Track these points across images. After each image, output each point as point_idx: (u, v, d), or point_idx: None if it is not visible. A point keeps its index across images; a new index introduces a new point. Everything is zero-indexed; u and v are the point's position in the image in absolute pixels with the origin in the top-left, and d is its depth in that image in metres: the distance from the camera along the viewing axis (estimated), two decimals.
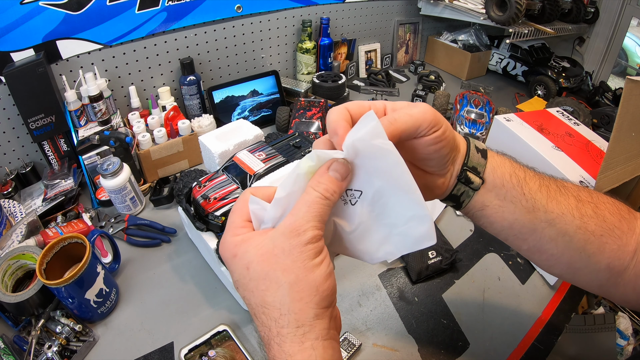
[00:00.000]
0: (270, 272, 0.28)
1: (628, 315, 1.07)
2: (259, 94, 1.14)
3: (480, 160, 0.37)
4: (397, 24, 1.48)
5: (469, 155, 0.36)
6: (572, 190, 0.38)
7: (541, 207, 0.37)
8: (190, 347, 0.57)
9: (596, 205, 0.37)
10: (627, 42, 1.60)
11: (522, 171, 0.38)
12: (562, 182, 0.39)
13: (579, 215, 0.36)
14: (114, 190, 0.76)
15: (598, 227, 0.36)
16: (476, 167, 0.37)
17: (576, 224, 0.36)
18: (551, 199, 0.37)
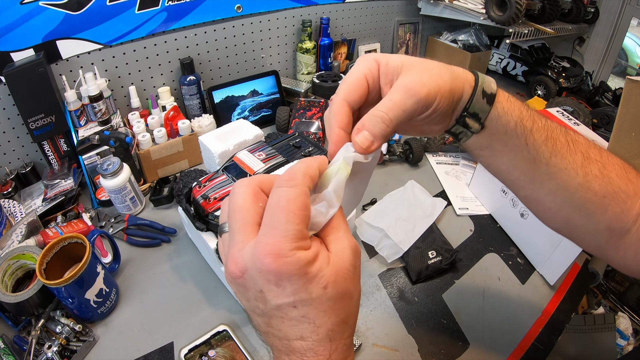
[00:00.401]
0: (348, 288, 0.27)
1: (628, 315, 1.08)
2: (259, 94, 1.14)
3: (484, 107, 0.35)
4: (397, 24, 1.48)
5: (472, 101, 0.34)
6: (581, 146, 0.36)
7: (543, 160, 0.36)
8: (190, 347, 0.57)
9: (604, 165, 0.36)
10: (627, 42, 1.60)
11: (531, 121, 0.35)
12: (575, 136, 0.37)
13: (583, 173, 0.35)
14: (114, 190, 0.76)
15: (601, 188, 0.35)
16: (477, 114, 0.35)
17: (578, 181, 0.35)
18: (556, 153, 0.35)
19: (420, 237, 0.76)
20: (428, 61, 0.33)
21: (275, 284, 0.25)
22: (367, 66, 0.34)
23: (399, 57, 0.33)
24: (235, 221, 0.28)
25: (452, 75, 0.33)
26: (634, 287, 1.14)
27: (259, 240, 0.26)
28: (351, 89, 0.33)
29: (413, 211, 0.82)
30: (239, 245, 0.27)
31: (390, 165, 1.02)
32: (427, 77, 0.32)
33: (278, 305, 0.26)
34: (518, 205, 0.77)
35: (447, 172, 1.00)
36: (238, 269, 0.26)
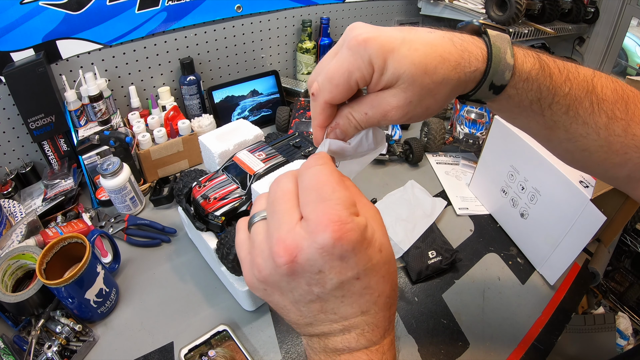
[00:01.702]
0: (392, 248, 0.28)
1: (628, 315, 1.08)
2: (259, 94, 1.14)
3: (488, 95, 0.31)
4: (397, 24, 1.48)
5: (475, 92, 0.31)
6: (607, 104, 0.33)
7: (562, 127, 0.34)
8: (190, 347, 0.57)
9: (628, 122, 0.33)
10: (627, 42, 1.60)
11: (551, 96, 0.32)
12: (602, 95, 0.33)
13: (606, 134, 0.33)
14: (114, 190, 0.76)
15: (623, 146, 0.34)
16: (480, 99, 0.32)
17: (599, 143, 0.34)
18: (577, 119, 0.33)
19: (420, 237, 0.76)
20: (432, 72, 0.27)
21: (338, 257, 0.24)
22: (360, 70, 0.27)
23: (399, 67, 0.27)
24: (282, 203, 0.26)
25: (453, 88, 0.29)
26: (634, 287, 1.15)
27: (312, 215, 0.24)
28: (338, 94, 0.29)
29: (413, 211, 0.82)
30: (287, 226, 0.25)
31: (390, 165, 1.02)
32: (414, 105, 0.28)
33: (340, 283, 0.24)
34: (518, 205, 0.77)
35: (447, 172, 1.00)
36: (289, 251, 0.24)
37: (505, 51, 0.30)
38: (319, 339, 0.27)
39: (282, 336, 0.61)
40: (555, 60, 0.33)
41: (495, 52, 0.29)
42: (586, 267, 0.78)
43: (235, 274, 0.59)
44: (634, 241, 1.06)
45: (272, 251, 0.25)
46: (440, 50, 0.28)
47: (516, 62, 0.31)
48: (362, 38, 0.27)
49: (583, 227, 0.63)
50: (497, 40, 0.30)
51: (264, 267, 0.26)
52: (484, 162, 0.87)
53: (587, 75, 0.33)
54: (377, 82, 0.28)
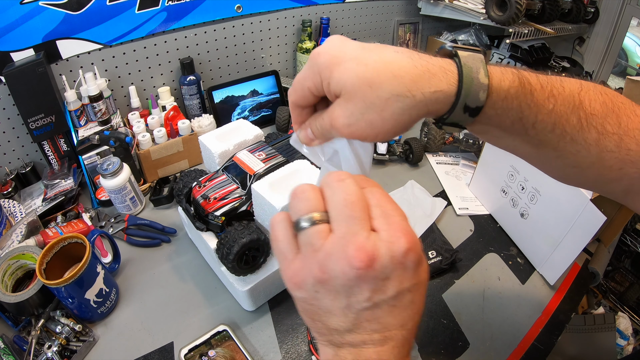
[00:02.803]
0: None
1: (628, 315, 1.08)
2: (259, 94, 1.14)
3: (465, 118, 0.30)
4: (397, 24, 1.48)
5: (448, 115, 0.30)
6: (597, 119, 0.31)
7: (550, 145, 0.32)
8: (190, 347, 0.57)
9: (621, 137, 0.32)
10: (627, 42, 1.60)
11: (534, 115, 0.31)
12: (590, 110, 0.31)
13: (597, 150, 0.32)
14: (114, 190, 0.76)
15: (618, 162, 0.32)
16: (457, 123, 0.31)
17: (591, 160, 0.32)
18: (564, 137, 0.31)
19: (420, 237, 0.76)
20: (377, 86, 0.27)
21: (403, 267, 0.26)
22: (312, 80, 0.30)
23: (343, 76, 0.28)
24: (360, 210, 0.27)
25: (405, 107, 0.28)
26: (634, 287, 1.15)
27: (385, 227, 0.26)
28: (298, 98, 0.33)
29: (413, 211, 0.82)
30: (365, 233, 0.26)
31: (390, 165, 1.02)
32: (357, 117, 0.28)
33: (398, 292, 0.26)
34: (518, 205, 0.77)
35: (447, 172, 1.00)
36: (369, 257, 0.25)
37: (477, 70, 0.28)
38: (352, 349, 0.27)
39: (282, 336, 0.61)
40: (538, 76, 0.32)
41: (467, 72, 0.28)
42: (586, 267, 0.78)
43: (235, 274, 0.59)
44: (634, 241, 1.06)
45: (349, 255, 0.25)
46: (394, 68, 0.28)
47: (492, 80, 0.29)
48: (317, 52, 0.30)
49: (583, 227, 0.63)
50: (469, 60, 0.29)
51: (331, 269, 0.26)
52: (484, 162, 0.87)
53: (573, 89, 0.32)
54: (327, 92, 0.30)
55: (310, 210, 0.28)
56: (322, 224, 0.27)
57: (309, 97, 0.32)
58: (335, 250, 0.26)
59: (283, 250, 0.29)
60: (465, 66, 0.29)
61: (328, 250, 0.26)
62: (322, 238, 0.27)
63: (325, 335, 0.28)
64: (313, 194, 0.28)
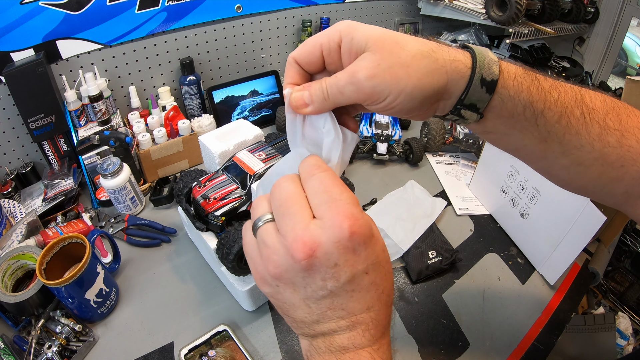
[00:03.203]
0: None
1: (628, 315, 1.08)
2: (259, 94, 1.14)
3: (482, 96, 0.30)
4: (397, 23, 1.48)
5: (467, 92, 0.30)
6: (598, 114, 0.33)
7: (556, 139, 0.33)
8: (190, 347, 0.57)
9: (622, 133, 0.32)
10: (627, 42, 1.60)
11: (542, 101, 0.31)
12: (592, 103, 0.33)
13: (600, 146, 0.32)
14: (114, 190, 0.76)
15: (619, 158, 0.33)
16: (475, 104, 0.31)
17: (594, 156, 0.33)
18: (570, 129, 0.32)
19: (420, 237, 0.76)
20: (403, 44, 0.28)
21: (352, 250, 0.26)
22: (327, 37, 0.30)
23: (368, 32, 0.29)
24: (292, 205, 0.27)
25: (429, 68, 0.28)
26: (634, 287, 1.15)
27: (327, 213, 0.26)
28: (303, 53, 0.32)
29: (413, 211, 0.82)
30: (302, 223, 0.26)
31: (390, 165, 1.02)
32: (383, 69, 0.28)
33: (352, 276, 0.26)
34: (518, 205, 0.77)
35: (447, 172, 1.00)
36: (308, 247, 0.26)
37: (487, 51, 0.31)
38: (324, 338, 0.28)
39: (282, 336, 0.61)
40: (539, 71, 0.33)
41: (478, 51, 0.31)
42: (586, 267, 0.78)
43: (235, 274, 0.59)
44: (634, 241, 1.06)
45: (290, 248, 0.26)
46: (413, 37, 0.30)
47: (500, 62, 0.31)
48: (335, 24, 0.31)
49: (583, 227, 0.63)
50: (477, 47, 0.31)
51: (280, 264, 0.27)
52: (484, 162, 0.87)
53: (573, 86, 0.33)
54: (348, 50, 0.29)
55: (262, 213, 0.30)
56: (269, 222, 0.29)
57: (317, 56, 0.31)
58: (280, 246, 0.27)
59: (249, 251, 0.31)
60: (476, 49, 0.31)
61: (275, 246, 0.28)
62: (270, 234, 0.28)
63: (298, 328, 0.30)
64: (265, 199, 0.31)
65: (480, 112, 0.31)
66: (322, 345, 0.28)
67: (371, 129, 1.00)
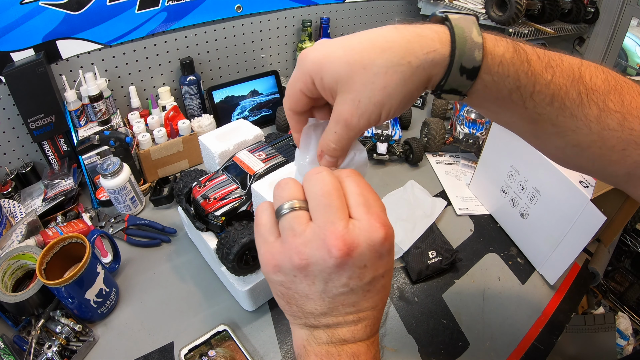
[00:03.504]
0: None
1: (628, 315, 1.08)
2: (259, 94, 1.14)
3: (463, 82, 0.29)
4: (396, 24, 1.48)
5: (445, 80, 0.29)
6: (598, 95, 0.30)
7: (548, 120, 0.31)
8: (190, 347, 0.57)
9: (624, 115, 0.30)
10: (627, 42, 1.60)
11: (531, 85, 0.29)
12: (591, 85, 0.30)
13: (598, 128, 0.30)
14: (114, 190, 0.76)
15: (620, 141, 0.31)
16: (456, 89, 0.29)
17: (592, 138, 0.31)
18: (564, 111, 0.30)
19: (420, 237, 0.76)
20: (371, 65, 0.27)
21: (380, 255, 0.27)
22: (302, 82, 0.30)
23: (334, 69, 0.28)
24: (335, 199, 0.27)
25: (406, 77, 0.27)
26: (634, 287, 1.15)
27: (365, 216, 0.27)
28: (292, 102, 0.32)
29: (413, 211, 0.82)
30: (343, 222, 0.27)
31: (390, 165, 1.02)
32: (365, 104, 0.28)
33: (373, 278, 0.28)
34: (518, 205, 0.77)
35: (447, 172, 1.00)
36: (347, 245, 0.26)
37: (470, 30, 0.28)
38: (327, 329, 0.29)
39: (282, 336, 0.61)
40: (535, 48, 0.31)
41: (459, 32, 0.28)
42: (586, 267, 0.78)
43: (235, 274, 0.59)
44: (634, 241, 1.06)
45: (329, 244, 0.26)
46: (380, 42, 0.27)
47: (486, 43, 0.28)
48: (303, 53, 0.30)
49: (583, 227, 0.63)
50: (460, 21, 0.28)
51: (309, 256, 0.27)
52: (484, 162, 0.87)
53: (572, 63, 0.31)
54: (322, 90, 0.29)
55: (291, 198, 0.29)
56: (301, 210, 0.28)
57: (303, 100, 0.31)
58: (314, 238, 0.27)
59: (263, 233, 0.30)
60: (457, 27, 0.28)
61: (308, 237, 0.27)
62: (302, 224, 0.27)
63: (301, 318, 0.30)
64: (294, 184, 0.30)
65: (463, 93, 0.30)
66: (323, 336, 0.29)
67: (371, 129, 1.00)
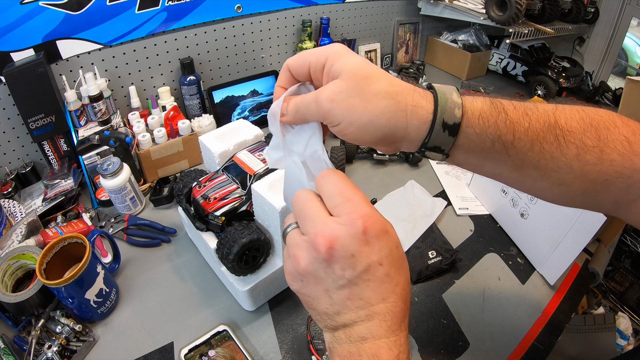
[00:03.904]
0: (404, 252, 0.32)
1: (628, 315, 1.08)
2: (259, 94, 1.14)
3: (445, 139, 0.32)
4: (397, 24, 1.48)
5: (430, 137, 0.32)
6: (575, 135, 0.32)
7: (531, 165, 0.33)
8: (190, 347, 0.57)
9: (602, 149, 0.32)
10: (627, 42, 1.60)
11: (511, 133, 0.32)
12: (567, 127, 0.33)
13: (579, 165, 0.33)
14: (114, 190, 0.76)
15: (601, 175, 0.33)
16: (439, 146, 0.33)
17: (574, 175, 0.33)
18: (544, 155, 0.33)
19: (420, 237, 0.76)
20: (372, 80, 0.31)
21: (366, 243, 0.29)
22: (316, 57, 0.33)
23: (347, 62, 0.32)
24: (310, 208, 0.31)
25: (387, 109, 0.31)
26: (634, 287, 1.14)
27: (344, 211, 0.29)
28: (295, 64, 0.35)
29: (413, 211, 0.82)
30: (321, 221, 0.30)
31: (390, 165, 1.02)
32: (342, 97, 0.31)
33: (368, 266, 0.29)
34: (518, 205, 0.77)
35: (447, 172, 1.00)
36: (328, 240, 0.28)
37: (450, 93, 0.32)
38: (344, 329, 0.30)
39: (282, 336, 0.61)
40: (511, 101, 0.34)
41: (441, 94, 0.32)
42: (586, 267, 0.78)
43: (235, 274, 0.59)
44: (634, 241, 1.06)
45: (312, 243, 0.29)
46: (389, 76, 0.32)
47: (465, 101, 0.32)
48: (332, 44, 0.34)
49: (583, 227, 0.63)
50: (442, 87, 0.33)
51: (303, 258, 0.30)
52: None
53: (547, 109, 0.34)
54: (326, 73, 0.33)
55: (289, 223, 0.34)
56: (295, 229, 0.33)
57: (305, 69, 0.34)
58: (304, 244, 0.30)
59: (284, 257, 0.34)
60: (439, 91, 0.33)
61: (300, 244, 0.31)
62: (295, 237, 0.32)
63: (322, 321, 0.32)
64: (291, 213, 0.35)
65: (446, 152, 0.33)
66: (342, 336, 0.30)
67: None
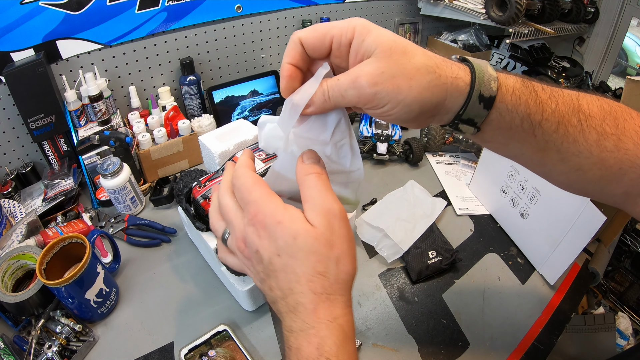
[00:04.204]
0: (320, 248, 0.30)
1: (628, 315, 1.08)
2: (259, 94, 1.14)
3: (480, 112, 0.31)
4: (397, 23, 1.48)
5: (465, 108, 0.31)
6: (596, 121, 0.33)
7: (554, 147, 0.34)
8: (190, 347, 0.57)
9: (619, 137, 0.33)
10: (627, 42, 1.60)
11: (540, 113, 0.32)
12: (589, 112, 0.33)
13: (598, 151, 0.33)
14: (114, 190, 0.76)
15: (617, 162, 0.34)
16: (473, 119, 0.32)
17: (592, 161, 0.34)
18: (567, 138, 0.33)
19: (420, 237, 0.76)
20: (411, 55, 0.29)
21: (258, 236, 0.30)
22: (341, 31, 0.30)
23: (379, 37, 0.29)
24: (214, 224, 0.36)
25: (431, 83, 0.29)
26: (634, 287, 1.14)
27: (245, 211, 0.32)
28: (311, 38, 0.31)
29: (413, 211, 0.82)
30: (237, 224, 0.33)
31: (390, 165, 1.02)
32: (386, 77, 0.28)
33: (269, 258, 0.30)
34: (518, 205, 0.77)
35: (447, 172, 1.00)
36: (240, 239, 0.32)
37: (486, 66, 0.32)
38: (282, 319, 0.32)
39: (282, 336, 0.61)
40: (538, 81, 0.34)
41: (477, 67, 0.32)
42: (586, 267, 0.78)
43: (235, 274, 0.59)
44: (634, 241, 1.06)
45: (234, 246, 0.33)
46: (423, 50, 0.31)
47: (499, 76, 0.32)
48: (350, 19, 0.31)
49: (583, 227, 0.63)
50: (477, 61, 0.32)
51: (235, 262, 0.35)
52: (484, 162, 0.87)
53: (571, 94, 0.34)
54: (356, 50, 0.30)
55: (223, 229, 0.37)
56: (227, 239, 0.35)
57: (325, 45, 0.31)
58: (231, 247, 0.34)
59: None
60: (475, 63, 0.32)
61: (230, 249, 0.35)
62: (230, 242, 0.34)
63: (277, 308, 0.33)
64: None
65: (478, 126, 0.33)
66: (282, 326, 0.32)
67: (371, 129, 1.00)
